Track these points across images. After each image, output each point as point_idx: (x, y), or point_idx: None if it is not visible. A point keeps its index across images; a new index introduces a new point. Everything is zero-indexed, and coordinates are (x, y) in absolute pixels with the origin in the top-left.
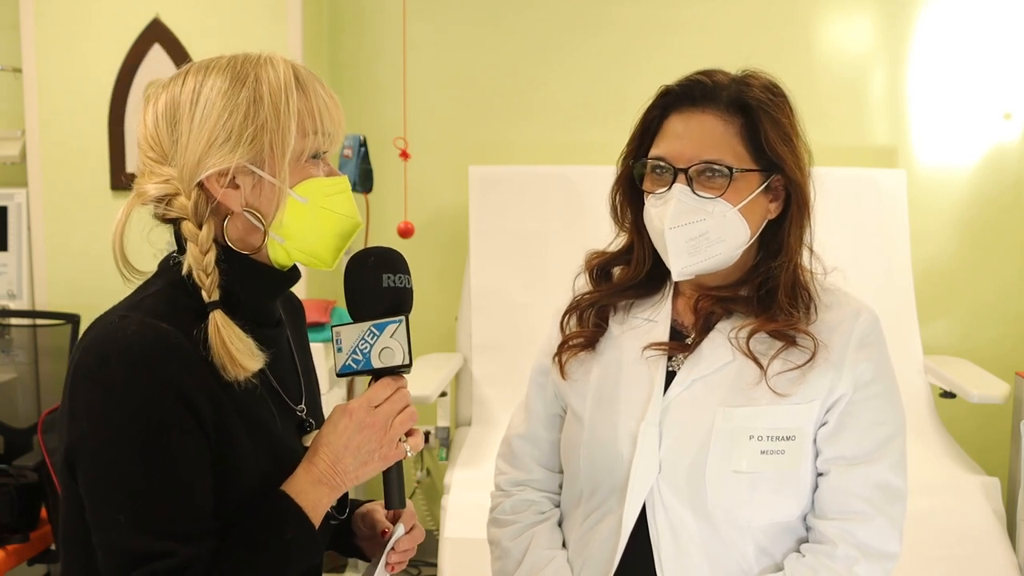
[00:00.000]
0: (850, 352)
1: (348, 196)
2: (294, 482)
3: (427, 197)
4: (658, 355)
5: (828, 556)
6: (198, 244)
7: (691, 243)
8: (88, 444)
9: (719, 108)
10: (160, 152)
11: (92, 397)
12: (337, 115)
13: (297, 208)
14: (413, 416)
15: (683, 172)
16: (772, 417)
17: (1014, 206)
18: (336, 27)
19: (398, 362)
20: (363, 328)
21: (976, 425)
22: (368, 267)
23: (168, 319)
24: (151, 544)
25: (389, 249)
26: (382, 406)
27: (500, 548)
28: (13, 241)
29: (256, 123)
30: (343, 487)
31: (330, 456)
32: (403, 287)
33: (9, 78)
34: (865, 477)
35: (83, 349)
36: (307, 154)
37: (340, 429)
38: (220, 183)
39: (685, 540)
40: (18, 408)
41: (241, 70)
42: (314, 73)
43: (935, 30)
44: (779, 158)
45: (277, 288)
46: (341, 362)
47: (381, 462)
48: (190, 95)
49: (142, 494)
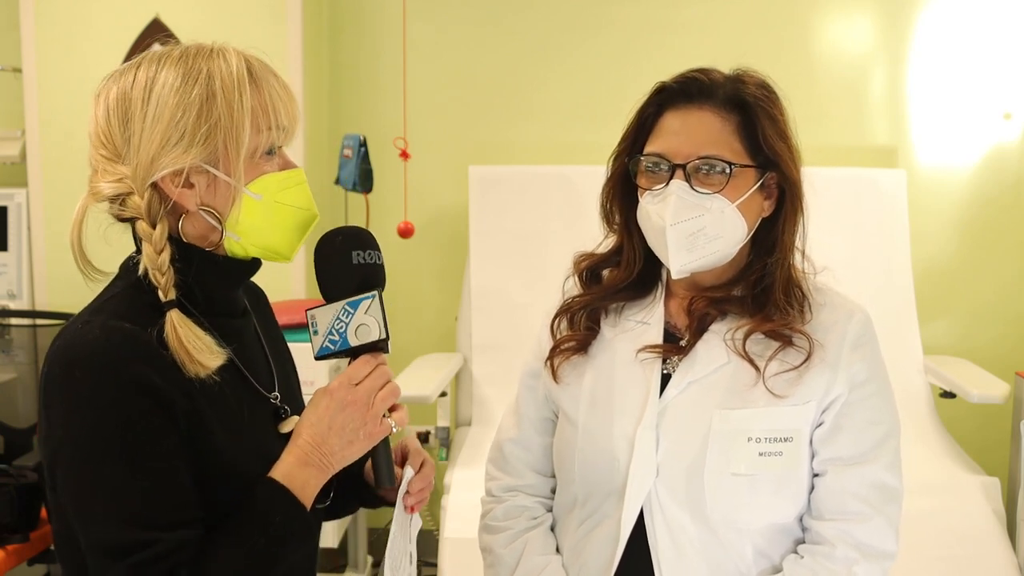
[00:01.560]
0: (845, 352)
1: (303, 188)
2: (280, 466)
3: (427, 197)
4: (652, 358)
5: (827, 557)
6: (152, 244)
7: (689, 239)
8: (64, 450)
9: (716, 105)
10: (112, 150)
11: (63, 404)
12: (292, 107)
13: (252, 205)
14: (395, 391)
15: (681, 168)
16: (769, 419)
17: (1014, 206)
18: (336, 27)
19: (375, 337)
20: (337, 307)
21: (976, 425)
22: (336, 246)
23: (131, 319)
24: (133, 535)
25: (356, 227)
26: (363, 383)
27: (493, 555)
28: (13, 241)
29: (209, 122)
30: (331, 468)
31: (314, 437)
32: (373, 263)
33: (9, 78)
34: (862, 477)
35: (50, 358)
36: (261, 150)
37: (322, 410)
38: (175, 183)
39: (683, 543)
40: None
41: (193, 65)
42: (267, 64)
43: (935, 30)
44: (776, 155)
45: (237, 279)
46: (318, 345)
47: (367, 440)
48: (141, 91)
49: (120, 490)
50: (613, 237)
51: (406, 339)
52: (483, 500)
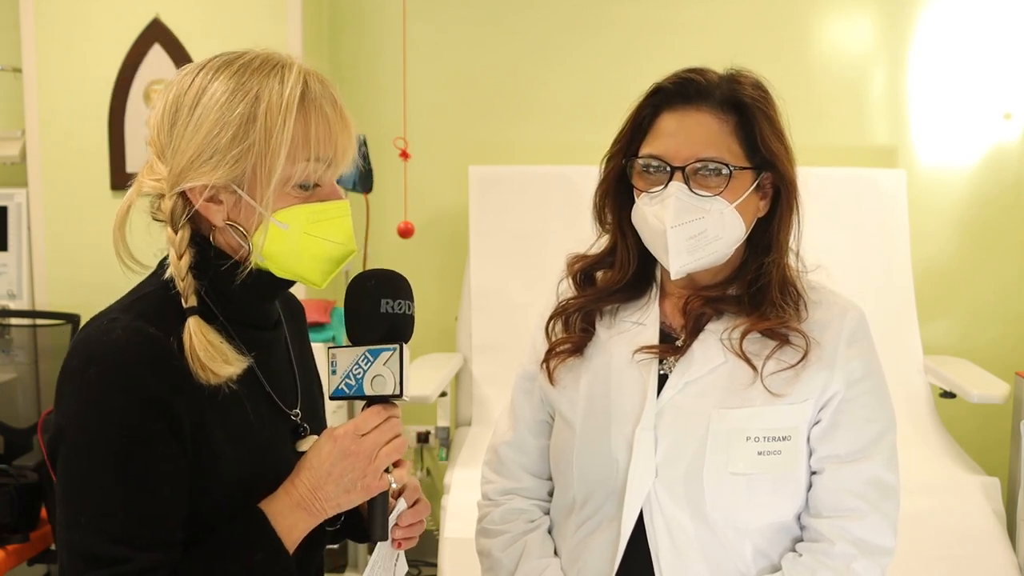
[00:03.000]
0: (841, 350)
1: (341, 222)
2: (273, 502)
3: (427, 197)
4: (649, 358)
5: (825, 554)
6: (174, 248)
7: (690, 241)
8: (64, 444)
9: (713, 106)
10: (159, 148)
11: (72, 399)
12: (343, 138)
13: (278, 233)
14: (400, 447)
15: (680, 170)
16: (767, 417)
17: (1014, 206)
18: (336, 27)
19: (389, 391)
20: (357, 353)
21: (976, 425)
22: (367, 290)
23: (156, 322)
24: (108, 549)
25: (392, 273)
26: (369, 435)
27: (491, 559)
28: (13, 241)
29: (243, 144)
30: (323, 514)
31: (312, 481)
32: (402, 313)
33: (9, 78)
34: (859, 474)
35: (71, 349)
36: (295, 181)
37: (324, 454)
38: (202, 194)
39: (683, 544)
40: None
41: (247, 80)
42: (331, 88)
43: (935, 30)
44: (773, 155)
45: (271, 292)
46: (334, 385)
47: (363, 492)
48: (192, 98)
49: (106, 499)
50: (606, 237)
51: None
52: (479, 504)
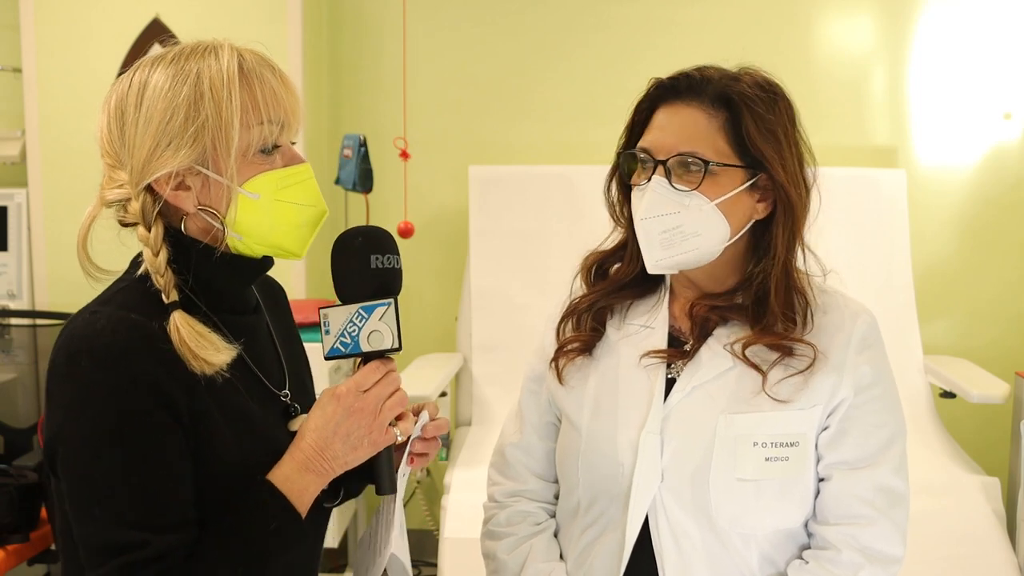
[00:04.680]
0: (850, 355)
1: (308, 184)
2: (280, 470)
3: (427, 197)
4: (657, 363)
5: (832, 562)
6: (149, 246)
7: (664, 236)
8: (63, 439)
9: (703, 102)
10: (114, 156)
11: (65, 393)
12: (289, 101)
13: (249, 204)
14: (403, 400)
15: (662, 164)
16: (775, 423)
17: (1014, 206)
18: (336, 27)
19: (387, 345)
20: (351, 310)
21: (976, 425)
22: (355, 248)
23: (139, 310)
24: (126, 535)
25: (376, 228)
26: (371, 390)
27: (496, 561)
28: (13, 241)
29: (197, 122)
30: (332, 473)
31: (318, 442)
32: (391, 267)
33: (9, 78)
34: (868, 481)
35: (57, 346)
36: (254, 148)
37: (328, 414)
38: (168, 184)
39: (689, 549)
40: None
41: (184, 66)
42: (264, 57)
43: (935, 30)
44: (760, 155)
45: (247, 277)
46: (329, 345)
47: (371, 447)
48: (135, 96)
49: (116, 486)
50: (620, 232)
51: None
52: (485, 506)
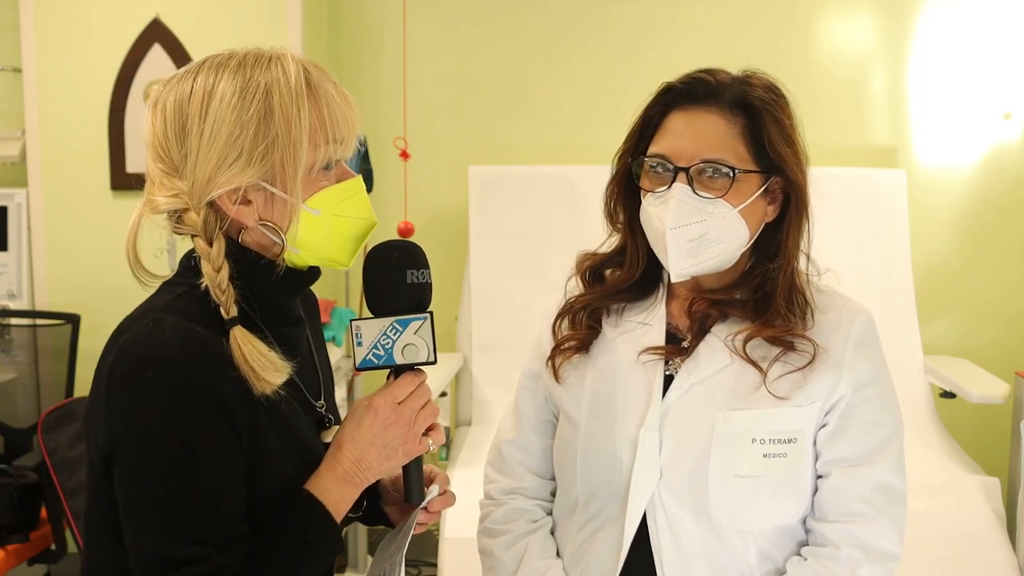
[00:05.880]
0: (848, 353)
1: (361, 198)
2: (317, 480)
3: (427, 197)
4: (655, 359)
5: (830, 559)
6: (210, 262)
7: (691, 244)
8: (125, 449)
9: (722, 107)
10: (170, 164)
11: (129, 403)
12: (351, 117)
13: (311, 220)
14: (435, 412)
15: (684, 171)
16: (773, 420)
17: (1014, 206)
18: (336, 27)
19: (423, 359)
20: (385, 323)
21: (976, 425)
22: (391, 263)
23: (202, 323)
24: (185, 550)
25: (410, 243)
26: (406, 402)
27: (493, 559)
28: (13, 241)
29: (267, 140)
30: (365, 483)
31: (355, 453)
32: (425, 283)
33: (9, 78)
34: (866, 478)
35: (119, 353)
36: (319, 165)
37: (365, 426)
38: (232, 199)
39: (687, 546)
40: (18, 408)
41: (251, 77)
42: (324, 71)
43: (935, 30)
44: (781, 159)
45: (297, 288)
46: (361, 356)
47: (404, 457)
48: (199, 106)
49: (177, 501)
50: (617, 236)
51: None
52: (482, 503)
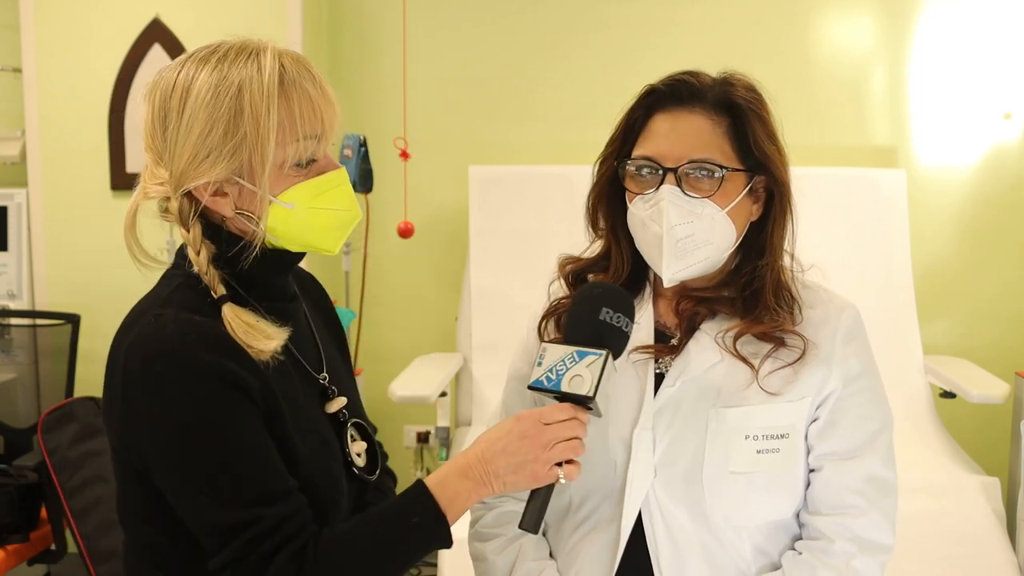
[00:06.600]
0: (838, 348)
1: (343, 190)
2: (437, 472)
3: (427, 197)
4: (645, 358)
5: (825, 552)
6: (190, 246)
7: (678, 245)
8: (155, 444)
9: (706, 108)
10: (156, 153)
11: (145, 399)
12: (328, 112)
13: (284, 213)
14: (577, 449)
15: (672, 172)
16: (765, 416)
17: (1014, 206)
18: (336, 27)
19: (583, 392)
20: (567, 351)
21: (976, 425)
22: (591, 296)
23: (199, 311)
24: (239, 515)
25: (621, 290)
26: (551, 426)
27: (485, 562)
28: (13, 241)
29: (236, 138)
30: (489, 487)
31: (483, 452)
32: (616, 326)
33: (9, 78)
34: (858, 471)
35: (127, 352)
36: (289, 162)
37: (503, 431)
38: (207, 190)
39: (683, 543)
40: (18, 408)
41: (227, 74)
42: (307, 66)
43: (935, 30)
44: (766, 157)
45: (284, 267)
46: (535, 376)
47: (530, 477)
48: (179, 99)
49: (213, 472)
50: (599, 242)
51: (406, 339)
52: (472, 507)
